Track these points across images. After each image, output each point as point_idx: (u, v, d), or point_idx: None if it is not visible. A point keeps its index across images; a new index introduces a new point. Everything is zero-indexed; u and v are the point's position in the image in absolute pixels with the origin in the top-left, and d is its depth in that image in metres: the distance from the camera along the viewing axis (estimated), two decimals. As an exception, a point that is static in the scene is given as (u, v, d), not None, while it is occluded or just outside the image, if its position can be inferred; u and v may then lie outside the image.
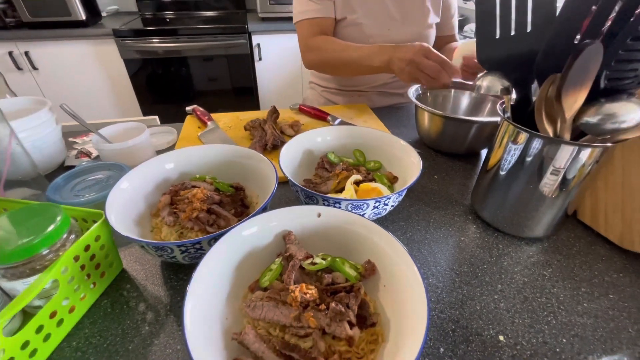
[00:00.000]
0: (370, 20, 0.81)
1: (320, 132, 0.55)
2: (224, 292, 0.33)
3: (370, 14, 0.81)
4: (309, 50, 0.81)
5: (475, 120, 0.59)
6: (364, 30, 0.81)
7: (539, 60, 0.35)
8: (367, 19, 0.81)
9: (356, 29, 0.82)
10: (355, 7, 0.80)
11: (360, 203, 0.40)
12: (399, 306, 0.31)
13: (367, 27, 0.81)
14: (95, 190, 0.48)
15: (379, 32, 0.82)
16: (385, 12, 0.82)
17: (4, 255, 0.30)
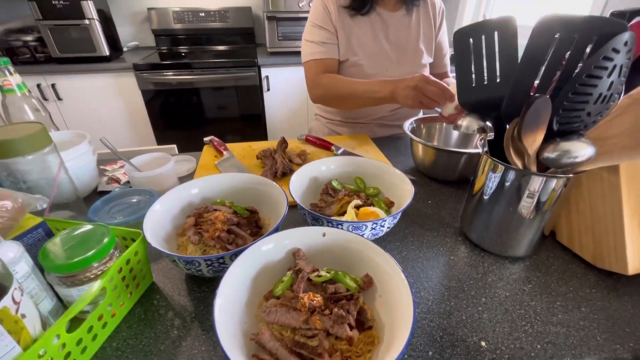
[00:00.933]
0: (370, 62, 0.91)
1: (324, 161, 0.62)
2: (243, 299, 0.39)
3: (370, 56, 0.91)
4: (316, 87, 0.91)
5: (464, 152, 0.66)
6: (364, 70, 0.91)
7: (504, 106, 0.43)
8: (367, 60, 0.91)
9: (357, 69, 0.91)
10: (356, 50, 0.90)
11: (359, 225, 0.47)
12: (392, 313, 0.37)
13: (367, 67, 0.91)
14: (128, 213, 0.55)
15: (378, 71, 0.92)
16: (383, 54, 0.92)
17: (64, 266, 0.37)
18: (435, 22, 0.96)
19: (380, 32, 0.91)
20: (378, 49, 0.91)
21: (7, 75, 0.63)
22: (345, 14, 0.89)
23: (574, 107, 0.36)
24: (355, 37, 0.90)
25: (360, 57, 0.90)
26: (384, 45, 0.91)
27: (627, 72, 0.35)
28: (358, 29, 0.89)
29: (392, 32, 0.91)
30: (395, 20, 0.91)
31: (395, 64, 0.92)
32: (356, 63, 0.90)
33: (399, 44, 0.92)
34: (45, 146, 0.51)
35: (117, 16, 2.36)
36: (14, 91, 0.65)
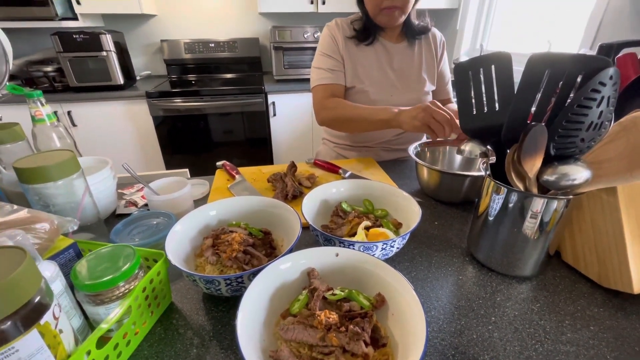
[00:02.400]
0: (375, 89, 0.96)
1: (334, 184, 0.65)
2: (262, 318, 0.40)
3: (375, 83, 0.96)
4: (323, 109, 0.95)
5: (467, 175, 0.69)
6: (369, 96, 0.96)
7: (503, 133, 0.46)
8: (372, 87, 0.96)
9: (363, 95, 0.96)
10: (362, 78, 0.96)
11: (370, 245, 0.49)
12: (404, 331, 0.38)
13: (373, 94, 0.96)
14: (147, 235, 0.58)
15: (382, 98, 0.97)
16: (388, 82, 0.97)
17: (93, 285, 0.39)
18: (437, 52, 1.02)
19: (384, 61, 0.97)
20: (383, 76, 0.97)
21: (39, 106, 0.68)
22: (352, 44, 0.95)
23: (568, 133, 0.39)
24: (361, 65, 0.96)
25: (366, 84, 0.95)
26: (389, 73, 0.97)
27: (615, 102, 0.38)
28: (364, 58, 0.96)
29: (396, 62, 0.98)
30: (399, 50, 0.98)
31: (400, 91, 0.98)
32: (362, 90, 0.96)
33: (402, 72, 0.98)
34: (74, 172, 0.54)
35: (132, 48, 2.49)
36: (44, 121, 0.70)
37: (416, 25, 0.98)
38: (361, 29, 0.94)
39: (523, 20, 1.81)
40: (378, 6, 0.86)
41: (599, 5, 1.32)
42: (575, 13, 1.50)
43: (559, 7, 1.62)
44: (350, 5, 2.29)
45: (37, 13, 1.90)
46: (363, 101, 0.96)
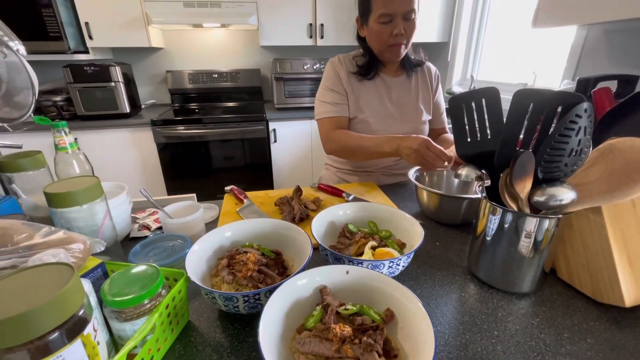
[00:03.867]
0: (375, 119, 1.03)
1: (341, 207, 0.69)
2: (279, 333, 0.43)
3: (376, 114, 1.03)
4: (330, 141, 1.02)
5: (465, 197, 0.73)
6: (371, 126, 1.02)
7: (496, 159, 0.51)
8: (373, 118, 1.03)
9: (365, 125, 1.03)
10: (364, 109, 1.03)
11: (378, 263, 0.52)
12: (414, 344, 0.41)
13: (374, 124, 1.02)
14: (163, 257, 0.60)
15: (382, 127, 1.03)
16: (387, 113, 1.04)
17: (121, 302, 0.41)
18: (432, 84, 1.10)
19: (384, 94, 1.05)
20: (382, 108, 1.04)
21: (63, 136, 0.73)
22: (354, 79, 1.03)
23: (552, 159, 0.44)
24: (363, 98, 1.03)
25: (367, 115, 1.02)
26: (388, 105, 1.04)
27: (591, 132, 0.43)
28: (365, 92, 1.03)
29: (395, 94, 1.05)
30: (397, 83, 1.06)
31: (399, 122, 1.04)
32: (364, 120, 1.02)
33: (400, 103, 1.05)
34: (98, 197, 0.58)
35: (138, 78, 2.60)
36: (67, 149, 0.74)
37: (413, 59, 1.06)
38: (364, 64, 1.02)
39: (510, 52, 1.94)
40: (386, 44, 0.94)
41: (578, 39, 1.44)
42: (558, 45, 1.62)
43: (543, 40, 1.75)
44: (346, 39, 2.44)
45: (52, 47, 2.00)
46: (364, 131, 1.03)
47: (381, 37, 0.93)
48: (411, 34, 0.94)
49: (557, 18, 1.13)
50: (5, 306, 0.29)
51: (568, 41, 1.51)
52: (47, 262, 0.34)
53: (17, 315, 0.28)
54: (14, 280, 0.32)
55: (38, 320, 0.29)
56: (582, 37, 1.41)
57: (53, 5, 1.94)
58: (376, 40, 0.95)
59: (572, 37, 1.47)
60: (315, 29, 2.38)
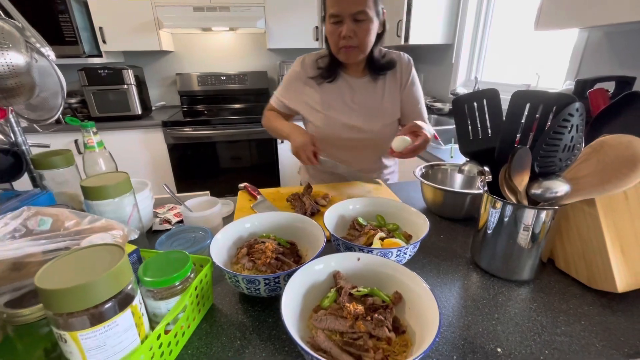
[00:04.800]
0: (337, 121, 1.04)
1: (351, 202, 0.73)
2: (297, 311, 0.47)
3: (338, 114, 1.03)
4: (264, 117, 1.14)
5: (468, 192, 0.77)
6: (334, 127, 1.05)
7: (496, 154, 0.55)
8: (335, 119, 1.04)
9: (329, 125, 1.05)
10: (325, 111, 1.03)
11: (386, 251, 0.56)
12: (421, 321, 0.45)
13: (336, 126, 1.04)
14: (186, 246, 0.65)
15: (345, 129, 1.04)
16: (350, 115, 1.03)
17: (155, 282, 0.46)
18: (402, 78, 1.03)
19: (347, 95, 1.03)
20: (346, 108, 1.03)
21: (91, 135, 0.78)
22: (314, 82, 1.03)
23: (547, 154, 0.48)
24: (324, 100, 1.03)
25: (330, 115, 1.03)
26: (351, 106, 1.03)
27: (583, 129, 0.47)
28: (327, 94, 1.03)
29: (359, 96, 1.03)
30: (361, 85, 1.03)
31: (362, 123, 1.03)
32: (327, 120, 1.04)
33: (364, 105, 1.03)
34: (127, 191, 0.63)
35: (149, 80, 2.67)
36: (94, 148, 0.79)
37: (380, 63, 1.00)
38: (326, 66, 1.01)
39: (513, 53, 1.97)
40: (337, 45, 0.92)
41: (579, 41, 1.47)
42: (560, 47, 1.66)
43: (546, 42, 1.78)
44: (352, 42, 2.48)
45: (68, 51, 2.08)
46: (330, 130, 1.05)
47: (332, 38, 0.92)
48: (364, 37, 0.89)
49: (558, 21, 1.17)
50: (69, 278, 0.33)
51: (570, 43, 1.54)
52: (100, 243, 0.39)
53: (79, 285, 0.32)
54: (73, 258, 0.36)
55: (96, 290, 0.34)
56: (583, 39, 1.44)
57: (69, 10, 2.02)
58: (330, 41, 0.94)
59: (574, 39, 1.50)
60: (321, 32, 2.43)
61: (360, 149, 1.09)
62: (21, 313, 0.37)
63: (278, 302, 0.55)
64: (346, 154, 1.10)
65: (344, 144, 1.07)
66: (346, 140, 1.06)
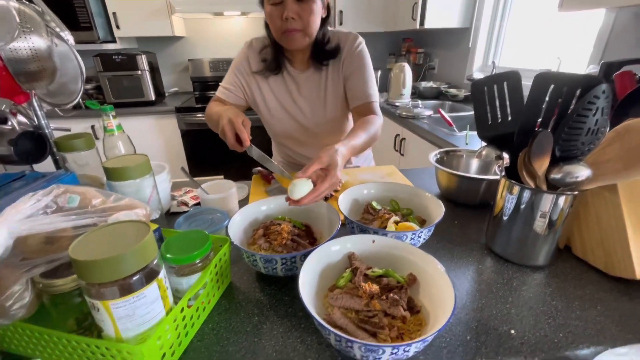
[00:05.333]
0: (285, 114, 1.00)
1: (365, 186, 0.74)
2: (313, 290, 0.49)
3: (285, 109, 0.99)
4: (207, 108, 0.96)
5: (484, 178, 0.76)
6: (283, 124, 1.02)
7: (515, 138, 0.54)
8: (283, 113, 1.00)
9: (279, 123, 1.02)
10: (270, 106, 0.99)
11: (401, 234, 0.57)
12: (435, 302, 0.46)
13: (284, 120, 1.01)
14: (205, 227, 0.67)
15: (294, 125, 1.01)
16: (297, 108, 0.99)
17: (177, 259, 0.48)
18: (344, 65, 0.94)
19: (293, 90, 0.97)
20: (292, 103, 0.99)
21: (111, 119, 0.80)
22: (260, 77, 0.96)
23: (570, 138, 0.47)
24: (270, 95, 0.98)
25: (276, 111, 1.00)
26: (298, 101, 0.98)
27: (608, 112, 0.46)
28: (272, 88, 0.97)
29: (304, 90, 0.97)
30: (305, 78, 0.96)
31: (309, 120, 1.01)
32: (274, 116, 1.01)
33: (310, 98, 0.98)
34: (148, 173, 0.65)
35: (162, 67, 2.68)
36: (114, 131, 0.81)
37: (324, 50, 0.92)
38: (271, 57, 0.93)
39: (533, 37, 1.90)
40: (279, 29, 0.83)
41: (606, 23, 1.40)
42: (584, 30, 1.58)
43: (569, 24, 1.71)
44: (365, 25, 2.43)
45: (83, 37, 2.10)
46: (282, 127, 1.03)
47: (273, 22, 0.83)
48: (309, 19, 0.81)
49: (584, 1, 1.11)
50: (100, 251, 0.35)
51: (595, 25, 1.47)
52: (127, 220, 0.40)
53: (110, 258, 0.34)
54: (102, 233, 0.38)
55: (125, 263, 0.35)
56: (610, 20, 1.37)
57: (84, -4, 2.03)
58: (271, 25, 0.85)
59: (600, 21, 1.44)
60: (334, 15, 2.38)
61: (311, 145, 1.07)
62: (55, 283, 0.39)
63: (293, 282, 0.57)
64: (301, 149, 1.09)
65: (295, 139, 1.06)
66: (296, 135, 1.04)
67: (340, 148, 0.65)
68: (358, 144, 0.76)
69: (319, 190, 0.58)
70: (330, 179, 0.60)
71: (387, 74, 2.37)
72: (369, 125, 0.84)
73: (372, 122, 0.86)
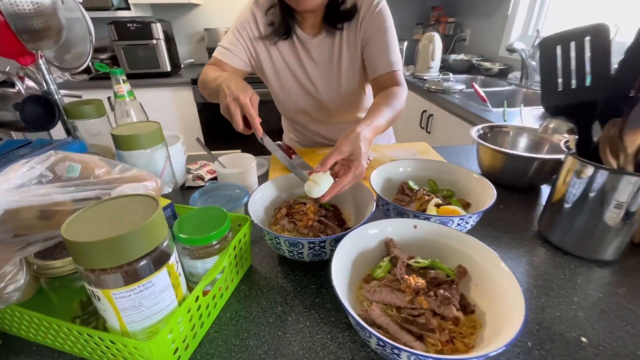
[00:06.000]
0: (294, 85, 0.89)
1: (401, 164, 0.65)
2: (346, 280, 0.42)
3: (294, 80, 0.87)
4: (202, 73, 0.81)
5: (537, 157, 0.67)
6: (292, 96, 0.90)
7: (600, 108, 0.44)
8: (292, 84, 0.88)
9: (286, 95, 0.91)
10: (280, 75, 0.87)
11: (446, 219, 0.49)
12: (492, 302, 0.39)
13: (293, 91, 0.89)
14: (222, 204, 0.61)
15: (305, 98, 0.90)
16: (308, 79, 0.87)
17: (191, 240, 0.42)
18: (363, 29, 0.81)
19: (303, 56, 0.85)
20: (303, 73, 0.87)
21: (121, 84, 0.74)
22: (268, 41, 0.84)
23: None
24: (279, 58, 0.86)
25: (288, 79, 0.88)
26: (309, 70, 0.87)
27: None
28: (284, 50, 0.85)
29: (315, 56, 0.85)
30: (316, 44, 0.84)
31: (322, 89, 0.89)
32: (282, 86, 0.90)
33: (323, 68, 0.86)
34: (160, 142, 0.59)
35: (178, 37, 2.58)
36: (124, 97, 0.75)
37: (339, 11, 0.79)
38: (279, 20, 0.80)
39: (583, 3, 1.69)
40: None
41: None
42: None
43: (628, -12, 1.49)
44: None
45: (96, 3, 2.02)
46: (285, 93, 0.91)
47: None
48: None
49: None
50: (99, 231, 0.29)
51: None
52: (133, 194, 0.34)
53: (110, 239, 0.28)
54: (103, 208, 0.32)
55: (130, 246, 0.29)
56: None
57: (96, -42, 1.93)
58: None
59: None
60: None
61: (326, 122, 0.96)
62: (52, 265, 0.34)
63: (320, 267, 0.51)
64: (315, 126, 0.98)
65: (307, 114, 0.95)
66: (308, 110, 0.93)
67: (362, 131, 0.56)
68: (382, 123, 0.65)
69: (341, 184, 0.52)
70: (354, 170, 0.53)
71: (414, 45, 2.20)
72: (393, 99, 0.73)
73: (396, 95, 0.75)
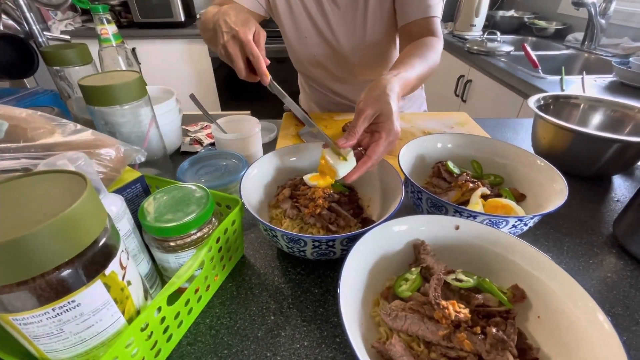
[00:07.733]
0: (314, 31, 0.73)
1: (438, 138, 0.52)
2: (359, 294, 0.32)
3: (313, 23, 0.72)
4: (204, 12, 0.63)
5: (619, 139, 0.51)
6: (307, 41, 0.74)
7: None
8: (310, 29, 0.73)
9: (301, 40, 0.75)
10: (297, 16, 0.71)
11: (499, 220, 0.37)
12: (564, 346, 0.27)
13: (310, 38, 0.74)
14: (215, 177, 0.51)
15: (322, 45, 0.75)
16: (328, 23, 0.72)
17: (162, 230, 0.32)
18: None
19: None
20: (322, 17, 0.71)
21: (105, 24, 0.62)
22: None
23: None
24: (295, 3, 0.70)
25: (305, 22, 0.72)
26: (329, 13, 0.70)
27: None
28: None
29: None
30: None
31: (343, 39, 0.73)
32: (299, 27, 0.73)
33: (345, 12, 0.70)
34: (140, 97, 0.47)
35: (192, -18, 2.38)
36: (110, 40, 0.63)
37: None
38: None
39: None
40: None
41: None
42: None
43: None
44: None
45: (104, -61, 1.83)
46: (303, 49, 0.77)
47: None
48: None
49: None
50: (-7, 226, 0.19)
51: None
52: (56, 170, 0.24)
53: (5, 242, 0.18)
54: (9, 193, 0.22)
55: (36, 251, 0.19)
56: None
57: None
58: None
59: None
60: None
61: (347, 81, 0.81)
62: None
63: (329, 267, 0.41)
64: (334, 85, 0.82)
65: (326, 69, 0.79)
66: (327, 64, 0.78)
67: (388, 84, 0.43)
68: (412, 77, 0.50)
69: (372, 158, 0.40)
70: (386, 136, 0.40)
71: (456, -1, 1.91)
72: (427, 49, 0.58)
73: (431, 46, 0.59)
